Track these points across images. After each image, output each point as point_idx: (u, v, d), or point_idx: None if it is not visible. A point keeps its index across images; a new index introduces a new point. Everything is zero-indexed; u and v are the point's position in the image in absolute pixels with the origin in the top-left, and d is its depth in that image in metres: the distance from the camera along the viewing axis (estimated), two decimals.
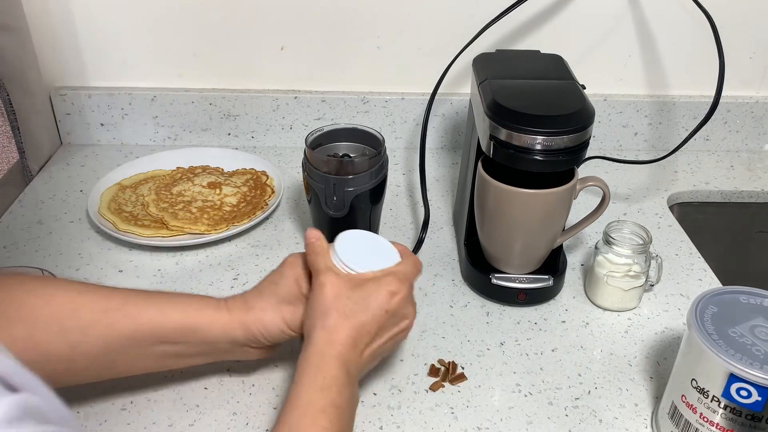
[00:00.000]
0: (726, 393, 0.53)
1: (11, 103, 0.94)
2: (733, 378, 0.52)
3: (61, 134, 1.08)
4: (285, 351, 0.68)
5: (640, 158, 1.00)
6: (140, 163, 1.00)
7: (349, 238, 0.63)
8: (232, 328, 0.60)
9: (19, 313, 0.53)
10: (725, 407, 0.54)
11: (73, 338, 0.55)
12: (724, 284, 0.83)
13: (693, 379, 0.56)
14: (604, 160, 1.02)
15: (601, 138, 1.11)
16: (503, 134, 0.69)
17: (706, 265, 0.86)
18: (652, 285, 0.80)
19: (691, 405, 0.57)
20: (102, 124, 1.07)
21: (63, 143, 1.09)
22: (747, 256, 1.09)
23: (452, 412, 0.65)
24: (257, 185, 0.96)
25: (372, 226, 0.82)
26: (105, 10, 1.00)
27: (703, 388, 0.55)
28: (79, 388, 0.65)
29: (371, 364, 0.60)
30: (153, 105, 1.06)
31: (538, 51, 0.85)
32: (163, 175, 0.97)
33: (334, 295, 0.57)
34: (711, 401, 0.55)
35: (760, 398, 0.52)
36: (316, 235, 0.61)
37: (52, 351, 0.54)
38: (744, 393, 0.52)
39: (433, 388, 0.67)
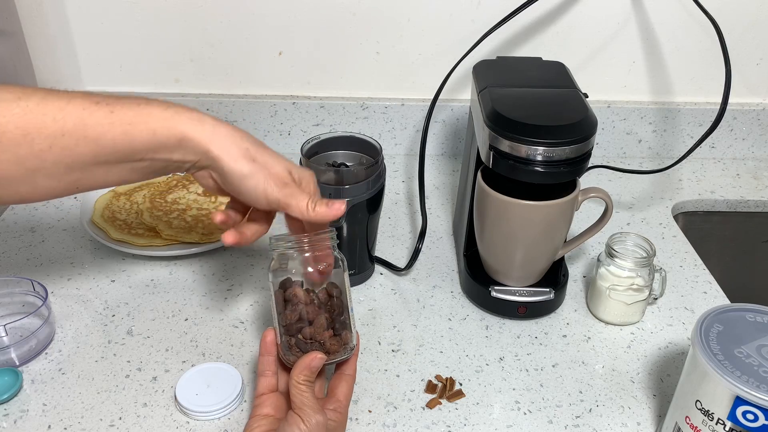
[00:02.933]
0: (732, 416, 0.52)
1: None
2: (739, 401, 0.51)
3: None
4: None
5: (645, 165, 0.98)
6: None
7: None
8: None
9: None
10: (731, 431, 0.52)
11: (30, 164, 0.52)
12: (729, 296, 0.81)
13: (697, 400, 0.54)
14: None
15: (604, 145, 1.09)
16: (503, 145, 0.67)
17: (711, 277, 0.84)
18: (656, 298, 0.78)
19: (696, 427, 0.55)
20: None
21: None
22: (753, 267, 1.07)
23: (449, 431, 0.63)
24: None
25: (369, 235, 0.80)
26: (100, 14, 0.99)
27: (708, 410, 0.53)
28: (67, 404, 0.64)
29: None
30: None
31: (540, 58, 0.83)
32: (158, 182, 0.95)
33: None
34: (716, 424, 0.53)
35: (767, 422, 0.50)
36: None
37: (9, 176, 0.52)
38: (750, 417, 0.51)
39: (430, 405, 0.65)
